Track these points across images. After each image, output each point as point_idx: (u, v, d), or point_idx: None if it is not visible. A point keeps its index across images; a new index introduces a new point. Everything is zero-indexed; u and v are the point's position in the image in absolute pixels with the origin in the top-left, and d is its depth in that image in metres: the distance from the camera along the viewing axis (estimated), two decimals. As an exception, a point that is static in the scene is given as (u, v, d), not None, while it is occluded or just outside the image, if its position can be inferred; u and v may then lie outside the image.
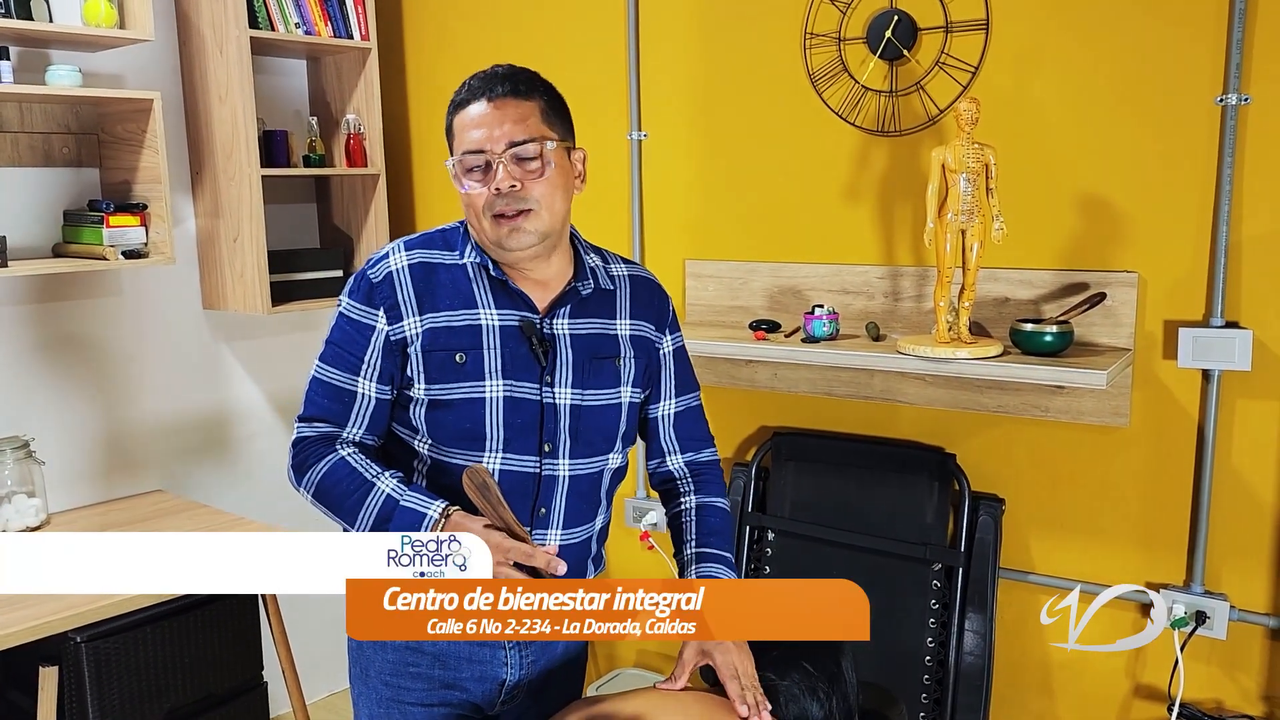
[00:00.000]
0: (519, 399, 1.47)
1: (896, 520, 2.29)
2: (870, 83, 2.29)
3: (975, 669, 2.17)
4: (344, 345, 1.50)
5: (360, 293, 1.50)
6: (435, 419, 1.48)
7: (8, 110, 2.49)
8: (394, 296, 1.48)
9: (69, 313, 2.66)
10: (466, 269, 1.50)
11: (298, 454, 1.50)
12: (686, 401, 1.68)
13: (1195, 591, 2.06)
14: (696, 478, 1.67)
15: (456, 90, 1.51)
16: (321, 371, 1.51)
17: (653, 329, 1.62)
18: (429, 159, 3.11)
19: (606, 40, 2.67)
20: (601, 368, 1.54)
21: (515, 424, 1.47)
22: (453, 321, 1.48)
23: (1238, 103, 1.91)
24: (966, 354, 2.00)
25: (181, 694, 2.28)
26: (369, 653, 1.55)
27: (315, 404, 1.51)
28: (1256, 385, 1.98)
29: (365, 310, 1.49)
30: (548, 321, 1.51)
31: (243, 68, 2.64)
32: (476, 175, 1.45)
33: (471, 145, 1.45)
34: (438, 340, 1.47)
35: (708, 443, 1.71)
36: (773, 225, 2.49)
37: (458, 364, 1.46)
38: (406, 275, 1.49)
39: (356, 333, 1.49)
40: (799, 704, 1.39)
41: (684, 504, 1.64)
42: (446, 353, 1.47)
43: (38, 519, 2.46)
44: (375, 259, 1.52)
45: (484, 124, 1.45)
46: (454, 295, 1.49)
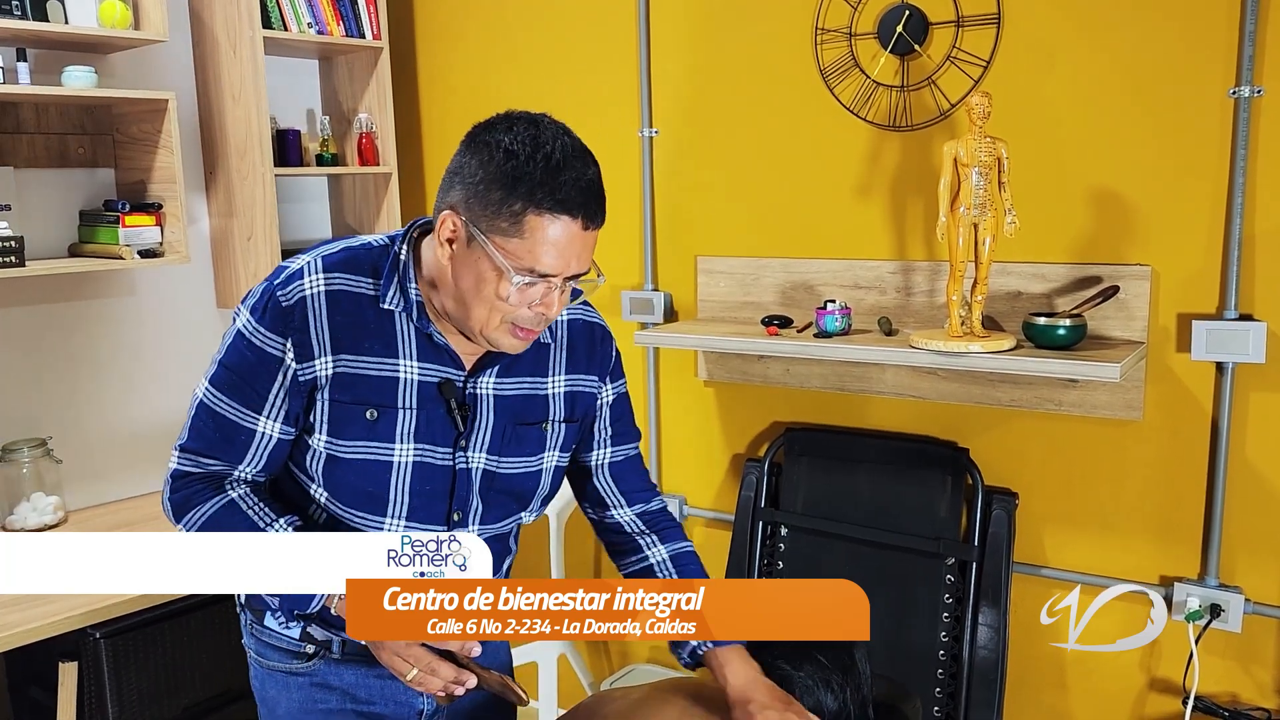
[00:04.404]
0: (429, 464, 1.36)
1: (909, 515, 2.29)
2: (881, 78, 2.29)
3: (989, 663, 2.17)
4: (243, 374, 1.31)
5: (266, 315, 1.30)
6: (334, 475, 1.34)
7: (24, 111, 2.51)
8: (305, 329, 1.29)
9: (85, 312, 2.68)
10: (391, 311, 1.33)
11: (177, 491, 1.35)
12: (625, 451, 1.55)
13: (1210, 585, 2.06)
14: (656, 529, 1.55)
15: (545, 167, 1.22)
16: (213, 399, 1.33)
17: (594, 380, 1.48)
18: (440, 158, 3.12)
19: (617, 37, 2.67)
20: (524, 435, 1.41)
21: (423, 491, 1.36)
22: (368, 369, 1.32)
23: (1250, 95, 1.91)
24: (979, 348, 2.00)
25: (199, 690, 2.30)
26: (273, 693, 1.47)
27: (203, 436, 1.34)
28: (1271, 378, 1.97)
29: (270, 339, 1.30)
30: (472, 381, 1.37)
31: (256, 67, 2.66)
32: (522, 287, 1.25)
33: (547, 268, 1.24)
34: (348, 390, 1.31)
35: (654, 491, 1.59)
36: (784, 221, 2.49)
37: (367, 420, 1.32)
38: (322, 305, 1.30)
39: (259, 362, 1.30)
40: (813, 695, 1.40)
41: (652, 557, 1.52)
42: (357, 406, 1.31)
43: (55, 517, 2.48)
44: (287, 276, 1.32)
45: (568, 251, 1.24)
46: (373, 337, 1.32)
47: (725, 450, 2.68)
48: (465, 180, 1.25)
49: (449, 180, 1.28)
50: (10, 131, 2.48)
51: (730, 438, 2.67)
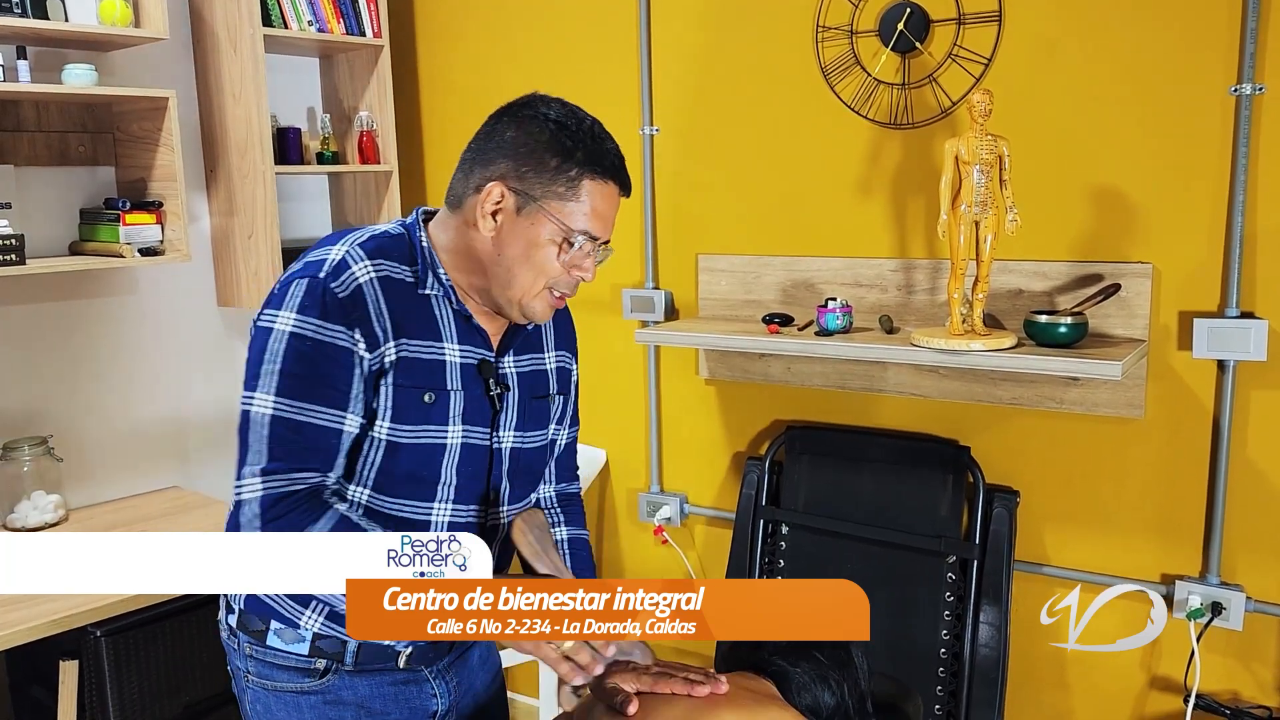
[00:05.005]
0: (472, 445, 1.38)
1: (911, 513, 2.29)
2: (883, 75, 2.29)
3: (990, 661, 2.17)
4: (317, 375, 1.27)
5: (325, 309, 1.27)
6: (391, 463, 1.33)
7: (25, 110, 2.50)
8: (367, 317, 1.29)
9: (86, 310, 2.68)
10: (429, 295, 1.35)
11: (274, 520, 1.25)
12: (573, 433, 1.61)
13: (1211, 583, 2.06)
14: (565, 509, 1.60)
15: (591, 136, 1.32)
16: (289, 409, 1.26)
17: (570, 357, 1.54)
18: (441, 155, 3.12)
19: (618, 35, 2.67)
20: (538, 409, 1.46)
21: (465, 472, 1.39)
22: (421, 353, 1.33)
23: (1252, 92, 1.91)
24: (980, 346, 2.00)
25: (200, 688, 2.30)
26: (281, 716, 1.43)
27: (289, 451, 1.26)
28: (1272, 375, 1.97)
29: (336, 331, 1.27)
30: (501, 361, 1.42)
31: (256, 65, 2.66)
32: (568, 250, 1.31)
33: (596, 231, 1.32)
34: (408, 374, 1.31)
35: (577, 475, 1.64)
36: (785, 219, 2.49)
37: (425, 404, 1.33)
38: (378, 290, 1.30)
39: (330, 359, 1.27)
40: (810, 692, 1.39)
41: (556, 534, 1.56)
42: (416, 390, 1.32)
43: (56, 515, 2.48)
44: (332, 267, 1.29)
45: (610, 215, 1.34)
46: (421, 322, 1.33)
47: (726, 448, 2.68)
48: (513, 151, 1.31)
49: (484, 156, 1.33)
50: (11, 130, 2.48)
51: (731, 436, 2.67)
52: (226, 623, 1.48)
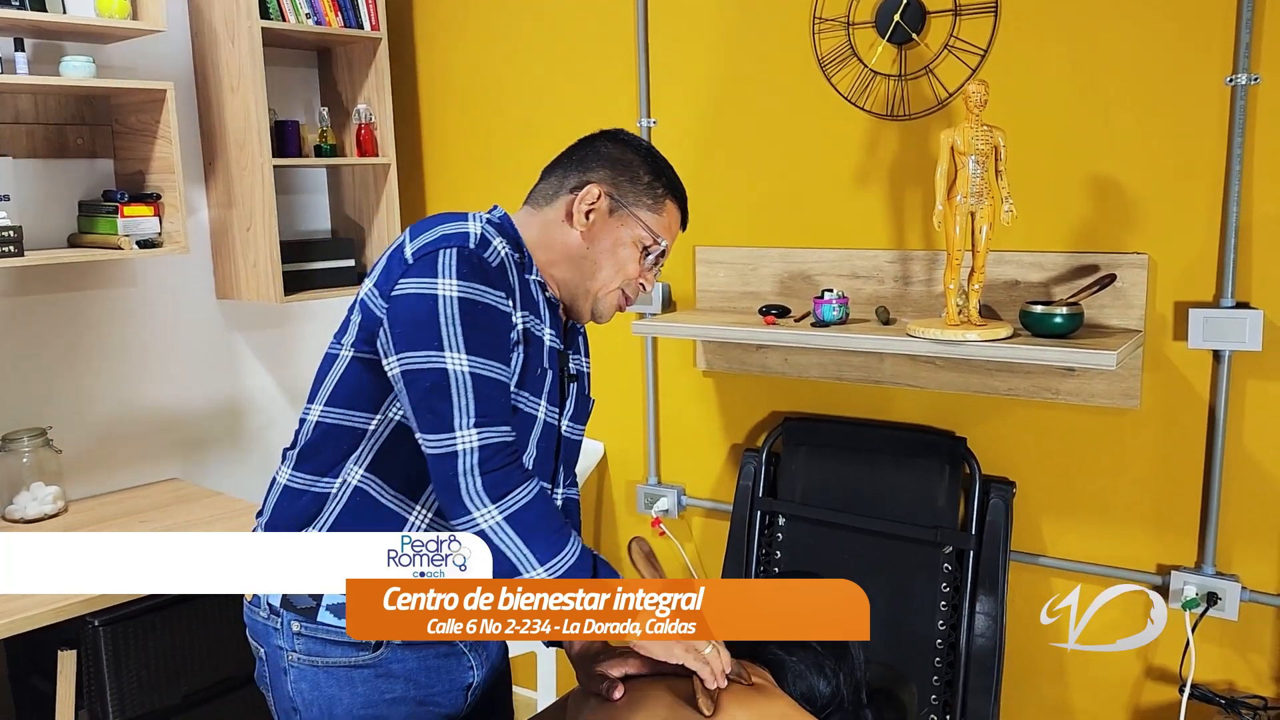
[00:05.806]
0: (549, 424, 1.47)
1: (907, 504, 2.30)
2: (879, 67, 2.29)
3: (986, 651, 2.18)
4: (491, 335, 1.31)
5: (485, 274, 1.33)
6: None
7: (23, 101, 2.51)
8: (512, 287, 1.37)
9: (84, 302, 2.68)
10: (529, 279, 1.43)
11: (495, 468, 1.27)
12: None
13: (1207, 573, 2.06)
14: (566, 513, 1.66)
15: (669, 170, 1.53)
16: (480, 366, 1.30)
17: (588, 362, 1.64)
18: (439, 149, 3.12)
19: (616, 27, 2.67)
20: (586, 405, 1.58)
21: (541, 449, 1.46)
22: (535, 329, 1.41)
23: (1247, 83, 1.91)
24: (976, 336, 2.00)
25: (199, 677, 2.30)
26: (331, 691, 1.44)
27: (491, 405, 1.29)
28: (1267, 366, 1.98)
29: (498, 296, 1.34)
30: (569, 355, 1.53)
31: (254, 58, 2.66)
32: (645, 256, 1.48)
33: (668, 241, 1.51)
34: (530, 345, 1.40)
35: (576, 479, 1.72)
36: (782, 211, 2.49)
37: (536, 376, 1.41)
38: (511, 265, 1.38)
39: (495, 322, 1.33)
40: (806, 681, 1.40)
41: None
42: (534, 361, 1.40)
43: (55, 507, 2.48)
44: (475, 239, 1.35)
45: (677, 233, 1.54)
46: (531, 301, 1.42)
47: (724, 440, 2.68)
48: (611, 163, 1.48)
49: (584, 164, 1.48)
50: (9, 122, 2.49)
51: (728, 427, 2.67)
52: (266, 603, 1.47)
